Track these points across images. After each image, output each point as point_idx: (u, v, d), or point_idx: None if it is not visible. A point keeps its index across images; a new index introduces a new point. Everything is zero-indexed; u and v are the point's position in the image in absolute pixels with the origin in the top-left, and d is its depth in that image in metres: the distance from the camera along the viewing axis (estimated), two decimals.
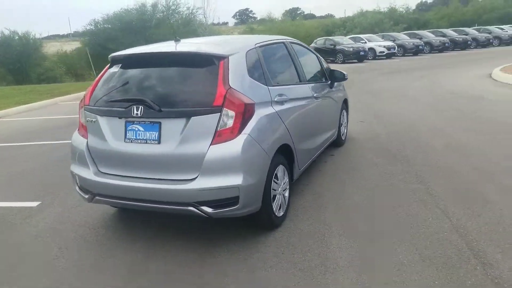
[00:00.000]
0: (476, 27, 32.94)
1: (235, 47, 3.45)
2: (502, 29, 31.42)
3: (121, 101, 3.28)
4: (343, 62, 23.92)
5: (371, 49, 25.03)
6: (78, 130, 3.64)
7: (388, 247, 3.14)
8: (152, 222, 3.84)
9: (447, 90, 10.73)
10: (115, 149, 3.29)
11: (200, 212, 3.06)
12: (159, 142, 3.15)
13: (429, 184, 4.32)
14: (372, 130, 6.84)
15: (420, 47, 26.71)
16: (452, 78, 13.18)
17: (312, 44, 26.99)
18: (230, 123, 3.02)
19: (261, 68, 3.59)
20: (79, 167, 3.52)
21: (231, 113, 3.02)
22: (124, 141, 3.27)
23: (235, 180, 3.00)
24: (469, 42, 28.51)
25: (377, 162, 5.13)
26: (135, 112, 3.16)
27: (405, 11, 44.27)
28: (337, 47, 24.76)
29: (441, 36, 28.58)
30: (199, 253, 3.23)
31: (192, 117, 3.03)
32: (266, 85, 3.53)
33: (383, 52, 25.18)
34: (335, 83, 5.39)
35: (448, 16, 44.73)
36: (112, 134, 3.32)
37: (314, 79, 4.90)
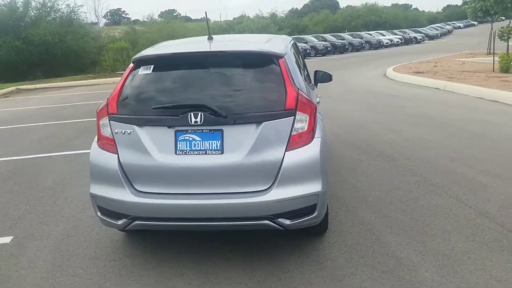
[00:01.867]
0: (348, 33, 36.66)
1: (281, 46, 3.24)
2: (370, 34, 35.50)
3: (173, 108, 2.81)
4: None
5: None
6: (99, 144, 3.02)
7: (442, 238, 3.29)
8: (170, 241, 3.40)
9: (363, 89, 11.71)
10: (163, 163, 2.81)
11: (275, 225, 2.81)
12: (222, 152, 2.79)
13: (424, 175, 4.65)
14: (330, 129, 7.10)
15: (329, 48, 28.99)
16: (355, 79, 14.43)
17: None
18: (304, 126, 2.82)
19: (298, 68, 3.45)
20: (106, 188, 2.93)
21: (305, 116, 2.83)
22: (176, 153, 2.82)
23: (315, 187, 2.82)
24: (346, 46, 31.54)
25: (361, 159, 5.34)
26: (194, 119, 2.75)
27: (285, 16, 47.06)
28: None
29: (323, 40, 31.07)
30: (269, 270, 2.96)
31: (264, 123, 2.75)
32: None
33: None
34: None
35: (321, 22, 48.90)
36: (157, 147, 2.83)
37: (309, 80, 4.89)
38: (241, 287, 2.80)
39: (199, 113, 2.74)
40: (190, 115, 2.75)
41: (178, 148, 2.82)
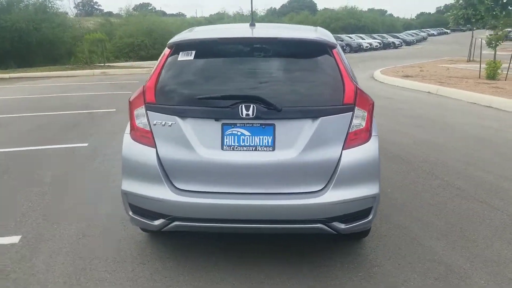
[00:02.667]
0: None
1: (330, 36, 3.04)
2: (350, 37, 35.85)
3: (222, 99, 2.57)
4: None
5: None
6: (133, 136, 2.73)
7: (485, 244, 3.19)
8: (200, 242, 3.15)
9: None
10: (209, 159, 2.57)
11: (329, 229, 2.62)
12: (273, 149, 2.57)
13: (445, 179, 4.58)
14: None
15: None
16: None
17: None
18: (362, 123, 2.64)
19: None
20: (142, 185, 2.65)
21: (363, 112, 2.64)
22: (222, 148, 2.58)
23: (372, 189, 2.64)
24: None
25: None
26: (245, 112, 2.51)
27: (265, 15, 46.99)
28: None
29: None
30: (316, 276, 2.77)
31: (321, 118, 2.55)
32: None
33: None
34: None
35: (300, 23, 49.05)
36: (201, 141, 2.59)
37: None
38: None
39: (251, 106, 2.51)
40: (241, 107, 2.51)
41: (225, 143, 2.58)
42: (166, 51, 2.81)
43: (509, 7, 12.39)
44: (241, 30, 2.89)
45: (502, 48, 13.31)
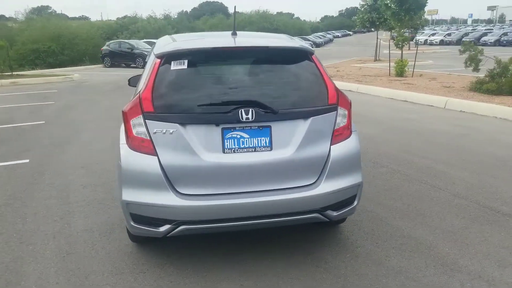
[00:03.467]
0: None
1: (304, 43, 3.32)
2: None
3: (222, 104, 2.71)
4: (143, 66, 23.37)
5: None
6: (131, 146, 2.75)
7: (439, 218, 3.72)
8: (191, 244, 3.26)
9: None
10: (212, 163, 2.70)
11: (324, 218, 2.90)
12: (271, 149, 2.79)
13: (390, 166, 5.14)
14: None
15: None
16: None
17: (105, 47, 25.37)
18: (344, 121, 2.97)
19: None
20: (145, 194, 2.69)
21: (344, 111, 2.97)
22: (224, 152, 2.73)
23: (357, 178, 2.98)
24: None
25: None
26: (245, 116, 2.69)
27: (178, 18, 46.53)
28: (135, 50, 24.09)
29: None
30: (311, 262, 3.03)
31: (312, 117, 2.82)
32: None
33: None
34: None
35: (215, 26, 49.40)
36: (204, 146, 2.71)
37: None
38: (297, 282, 2.82)
39: (250, 110, 2.70)
40: (241, 111, 2.69)
41: (226, 146, 2.73)
42: (156, 60, 2.87)
43: (411, 12, 13.92)
44: (228, 40, 3.04)
45: (405, 48, 14.84)
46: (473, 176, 4.76)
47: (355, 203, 3.04)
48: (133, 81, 4.71)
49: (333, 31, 71.41)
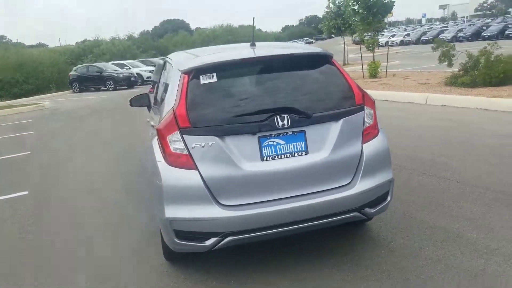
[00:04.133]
0: None
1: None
2: None
3: (258, 113, 2.74)
4: (114, 89, 23.14)
5: (139, 74, 25.15)
6: (169, 162, 2.73)
7: (457, 207, 3.86)
8: (217, 256, 3.26)
9: None
10: (251, 172, 2.72)
11: (362, 216, 2.97)
12: (307, 153, 2.84)
13: (395, 162, 5.28)
14: None
15: None
16: None
17: (72, 72, 24.88)
18: (371, 120, 3.06)
19: None
20: (189, 209, 2.68)
21: (370, 110, 3.07)
22: (262, 160, 2.76)
23: (388, 174, 3.07)
24: None
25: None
26: (281, 123, 2.73)
27: (141, 38, 46.16)
28: (105, 74, 23.72)
29: None
30: (350, 260, 3.08)
31: (343, 119, 2.90)
32: None
33: (150, 77, 25.80)
34: None
35: (180, 43, 49.29)
36: (243, 156, 2.73)
37: None
38: (343, 282, 2.86)
39: (285, 116, 2.75)
40: (277, 118, 2.73)
41: (264, 154, 2.76)
42: (183, 77, 2.87)
43: (379, 15, 14.45)
44: (250, 51, 3.09)
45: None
46: (474, 165, 4.97)
47: (389, 198, 3.12)
48: (136, 102, 4.69)
49: (296, 40, 72.64)
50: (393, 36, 48.50)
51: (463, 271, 2.84)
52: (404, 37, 46.40)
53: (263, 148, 2.77)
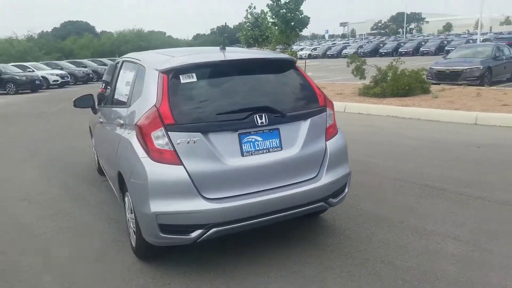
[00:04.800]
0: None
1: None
2: None
3: (238, 112, 2.92)
4: (16, 92, 21.17)
5: (44, 78, 23.32)
6: (154, 158, 2.80)
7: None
8: (192, 250, 3.38)
9: None
10: (233, 167, 2.90)
11: (327, 205, 3.30)
12: (281, 148, 3.09)
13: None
14: None
15: (90, 75, 27.26)
16: None
17: None
18: (331, 120, 3.41)
19: None
20: (174, 203, 2.78)
21: (330, 111, 3.42)
22: (242, 155, 2.95)
23: (346, 168, 3.45)
24: None
25: None
26: (260, 121, 2.96)
27: (46, 39, 42.87)
28: (4, 76, 21.54)
29: (84, 67, 29.23)
30: (317, 245, 3.39)
31: (310, 118, 3.21)
32: None
33: (58, 81, 24.16)
34: None
35: (86, 46, 46.72)
36: (225, 152, 2.90)
37: None
38: (314, 264, 3.15)
39: (263, 114, 2.98)
40: (256, 117, 2.95)
41: (244, 150, 2.96)
42: (162, 75, 2.96)
43: (296, 29, 15.41)
44: (220, 54, 3.27)
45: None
46: (401, 163, 5.66)
47: (346, 190, 3.50)
48: (81, 103, 4.62)
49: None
50: (301, 49, 51.39)
51: (411, 250, 3.31)
52: (311, 51, 49.41)
53: (243, 145, 2.96)
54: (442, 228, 3.66)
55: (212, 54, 3.42)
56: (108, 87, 4.58)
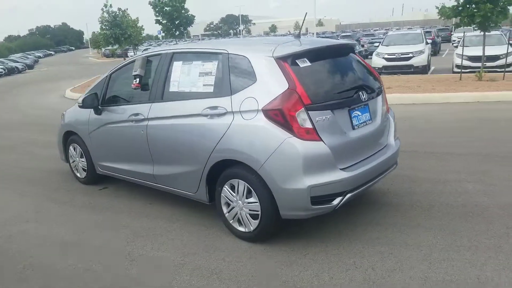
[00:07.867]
0: None
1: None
2: None
3: (350, 90, 3.36)
4: None
5: None
6: (300, 136, 3.01)
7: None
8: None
9: None
10: (354, 138, 3.30)
11: (396, 166, 3.89)
12: (372, 121, 3.57)
13: None
14: None
15: None
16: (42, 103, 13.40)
17: None
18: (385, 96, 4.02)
19: None
20: (321, 175, 3.04)
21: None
22: (353, 128, 3.34)
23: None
24: None
25: None
26: (363, 97, 3.39)
27: None
28: None
29: None
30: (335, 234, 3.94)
31: (381, 94, 3.77)
32: None
33: None
34: None
35: None
36: (345, 126, 3.27)
37: None
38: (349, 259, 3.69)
39: (363, 91, 3.44)
40: (360, 93, 3.39)
41: (354, 124, 3.35)
42: (281, 62, 3.14)
43: (180, 27, 15.33)
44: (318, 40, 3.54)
45: None
46: None
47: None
48: (87, 103, 4.41)
49: (33, 52, 64.62)
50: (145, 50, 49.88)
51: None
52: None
53: (352, 119, 3.35)
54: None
55: (304, 41, 3.62)
56: (145, 82, 4.08)
